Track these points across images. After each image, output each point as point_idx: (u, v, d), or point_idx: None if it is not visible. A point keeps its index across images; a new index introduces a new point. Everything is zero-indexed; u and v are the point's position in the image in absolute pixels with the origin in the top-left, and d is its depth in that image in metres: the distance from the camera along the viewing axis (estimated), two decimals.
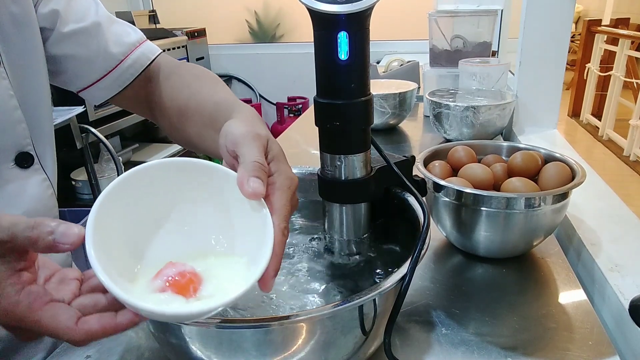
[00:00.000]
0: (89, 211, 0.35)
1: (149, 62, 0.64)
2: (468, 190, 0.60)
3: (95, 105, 1.94)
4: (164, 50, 0.67)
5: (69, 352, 0.52)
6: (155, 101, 0.64)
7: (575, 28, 5.14)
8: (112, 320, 0.33)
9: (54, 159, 0.61)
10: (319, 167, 0.52)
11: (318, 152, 0.51)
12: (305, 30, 3.24)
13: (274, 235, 0.36)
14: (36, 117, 0.57)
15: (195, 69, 0.64)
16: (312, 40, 0.45)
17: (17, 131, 0.54)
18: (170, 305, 0.33)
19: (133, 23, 3.27)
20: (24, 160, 0.55)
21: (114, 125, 2.06)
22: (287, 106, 3.16)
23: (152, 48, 0.65)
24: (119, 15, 2.89)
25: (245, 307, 0.49)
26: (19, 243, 0.32)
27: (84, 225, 0.33)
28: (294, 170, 0.64)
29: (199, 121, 0.56)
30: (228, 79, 3.25)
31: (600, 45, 3.77)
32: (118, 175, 0.37)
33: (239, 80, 3.27)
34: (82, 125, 1.82)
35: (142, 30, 0.66)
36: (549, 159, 0.68)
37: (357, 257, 0.54)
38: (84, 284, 0.36)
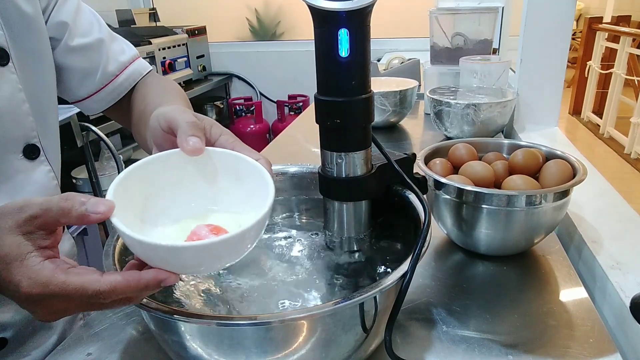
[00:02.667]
0: None
1: (140, 77, 0.68)
2: (469, 187, 0.60)
3: None
4: (164, 48, 0.68)
5: (70, 349, 0.52)
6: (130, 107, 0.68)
7: (576, 25, 5.13)
8: (137, 274, 0.34)
9: (58, 152, 0.63)
10: (320, 164, 0.52)
11: (319, 150, 0.51)
12: (306, 28, 3.24)
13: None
14: (42, 112, 0.59)
15: (163, 80, 0.69)
16: (313, 38, 0.45)
17: (25, 123, 0.56)
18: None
19: (133, 21, 3.24)
20: (31, 151, 0.57)
21: (115, 124, 2.06)
22: (287, 104, 3.16)
23: (144, 65, 0.70)
24: (119, 13, 2.91)
25: (243, 300, 0.49)
26: (52, 215, 0.34)
27: None
28: (294, 168, 0.65)
29: (145, 120, 0.61)
30: (229, 77, 3.25)
31: (601, 43, 3.76)
32: (119, 173, 0.40)
33: (240, 78, 3.27)
34: (83, 123, 1.82)
35: (142, 28, 0.67)
36: (550, 156, 0.68)
37: (357, 254, 0.54)
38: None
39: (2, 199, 0.53)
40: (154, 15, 3.07)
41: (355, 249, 0.54)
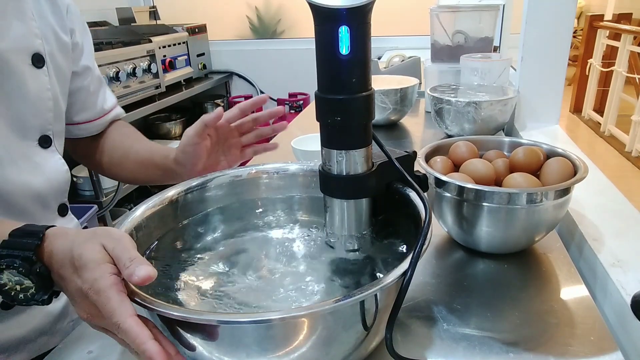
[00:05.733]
0: (90, 207, 0.36)
1: (118, 119, 0.84)
2: (470, 185, 0.60)
3: None
4: (165, 46, 0.72)
5: (71, 347, 0.52)
6: (100, 146, 0.82)
7: (578, 23, 5.12)
8: (145, 336, 0.37)
9: (62, 148, 0.73)
10: (320, 162, 0.52)
11: (319, 148, 0.51)
12: (306, 26, 3.23)
13: None
14: (58, 113, 0.70)
15: (129, 126, 0.85)
16: (313, 35, 0.45)
17: (45, 117, 0.67)
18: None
19: (134, 19, 3.23)
20: (45, 141, 0.67)
21: None
22: (288, 102, 3.16)
23: (121, 110, 0.86)
24: (120, 11, 2.90)
25: (244, 298, 0.49)
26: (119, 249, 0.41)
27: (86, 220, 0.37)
28: (295, 166, 0.65)
29: (139, 159, 0.77)
30: (229, 75, 3.24)
31: (602, 41, 3.76)
32: None
33: (240, 76, 3.26)
34: None
35: (142, 26, 0.71)
36: (551, 154, 0.68)
37: (358, 252, 0.54)
38: None
39: (26, 176, 0.64)
40: (154, 14, 3.07)
41: (356, 247, 0.54)
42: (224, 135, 0.72)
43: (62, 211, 0.71)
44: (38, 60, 0.64)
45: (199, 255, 0.57)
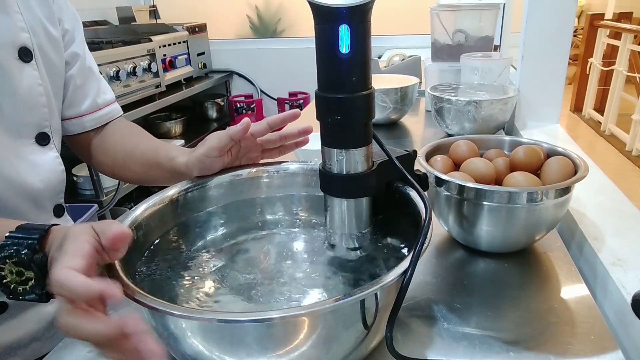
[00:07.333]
0: (90, 206, 0.36)
1: (114, 118, 0.79)
2: (470, 184, 0.60)
3: None
4: (165, 46, 0.71)
5: (72, 346, 0.52)
6: (100, 145, 0.78)
7: (578, 22, 5.11)
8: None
9: (59, 145, 0.72)
10: (320, 161, 0.52)
11: (319, 147, 0.51)
12: (306, 25, 3.23)
13: None
14: (53, 108, 0.68)
15: (133, 125, 0.81)
16: (314, 34, 0.45)
17: (40, 113, 0.65)
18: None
19: (134, 18, 3.23)
20: (42, 139, 0.66)
21: None
22: (288, 101, 3.16)
23: (119, 108, 0.81)
24: (120, 10, 2.90)
25: (244, 297, 0.49)
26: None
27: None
28: (295, 165, 0.65)
29: (144, 161, 0.72)
30: (229, 74, 3.24)
31: (602, 40, 3.75)
32: None
33: (240, 75, 3.26)
34: None
35: (142, 25, 0.71)
36: (551, 153, 0.68)
37: (358, 251, 0.54)
38: None
39: (20, 175, 0.62)
40: (154, 13, 3.07)
41: (356, 245, 0.54)
42: (246, 149, 0.66)
43: (58, 212, 0.70)
44: (25, 55, 0.62)
45: (199, 254, 0.57)
